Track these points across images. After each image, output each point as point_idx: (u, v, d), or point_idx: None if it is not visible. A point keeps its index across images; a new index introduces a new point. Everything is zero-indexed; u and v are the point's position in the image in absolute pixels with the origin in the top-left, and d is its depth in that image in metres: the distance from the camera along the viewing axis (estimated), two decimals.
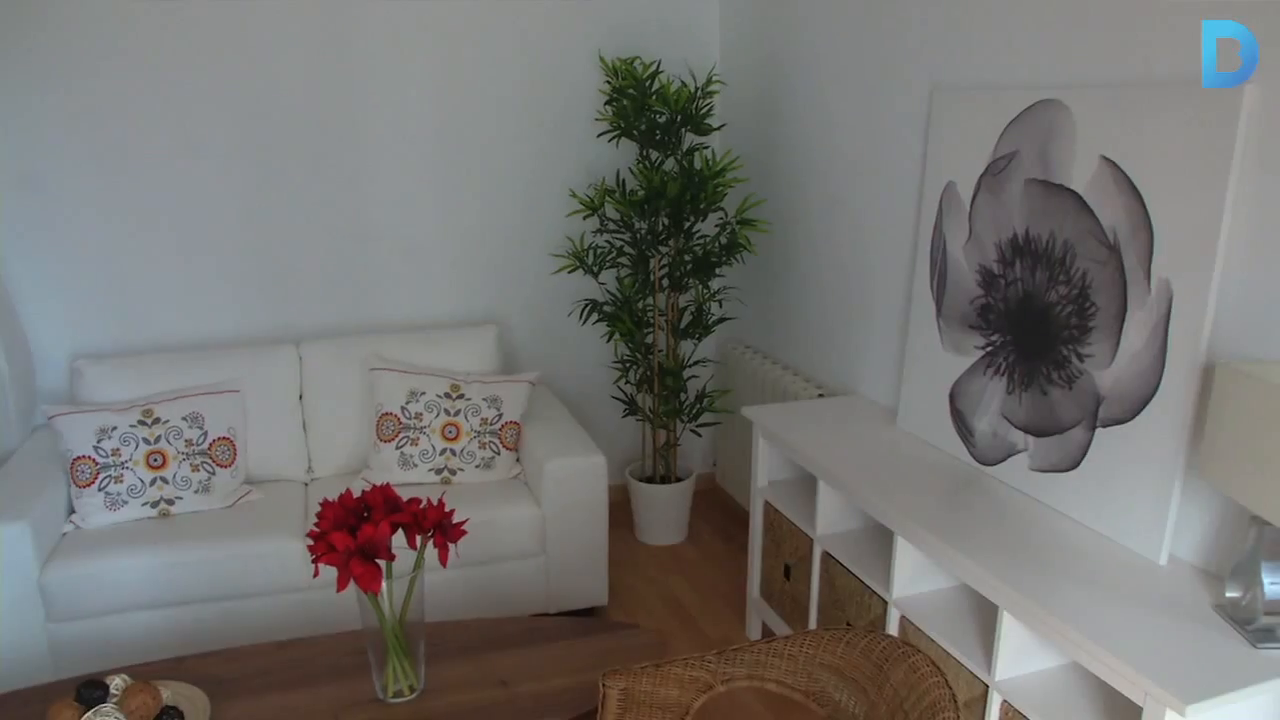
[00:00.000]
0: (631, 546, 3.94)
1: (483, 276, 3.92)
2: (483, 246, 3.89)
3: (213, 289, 3.57)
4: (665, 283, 3.71)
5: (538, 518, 3.13)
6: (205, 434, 3.11)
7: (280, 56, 3.45)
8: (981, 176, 2.57)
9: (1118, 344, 2.16)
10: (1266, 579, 1.80)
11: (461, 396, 3.30)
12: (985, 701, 2.13)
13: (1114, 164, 2.16)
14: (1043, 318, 2.38)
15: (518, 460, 3.38)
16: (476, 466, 3.28)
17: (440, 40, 3.63)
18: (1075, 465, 2.29)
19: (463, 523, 2.05)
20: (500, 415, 3.31)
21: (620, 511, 4.18)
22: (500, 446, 3.30)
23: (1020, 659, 2.09)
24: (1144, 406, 2.10)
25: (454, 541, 2.00)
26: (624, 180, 3.83)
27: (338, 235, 3.67)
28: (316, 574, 1.98)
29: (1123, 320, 2.14)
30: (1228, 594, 1.89)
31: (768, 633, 3.25)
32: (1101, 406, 2.21)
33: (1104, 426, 2.21)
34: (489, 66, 3.72)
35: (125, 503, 2.96)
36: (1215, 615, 1.89)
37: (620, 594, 3.55)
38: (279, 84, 3.47)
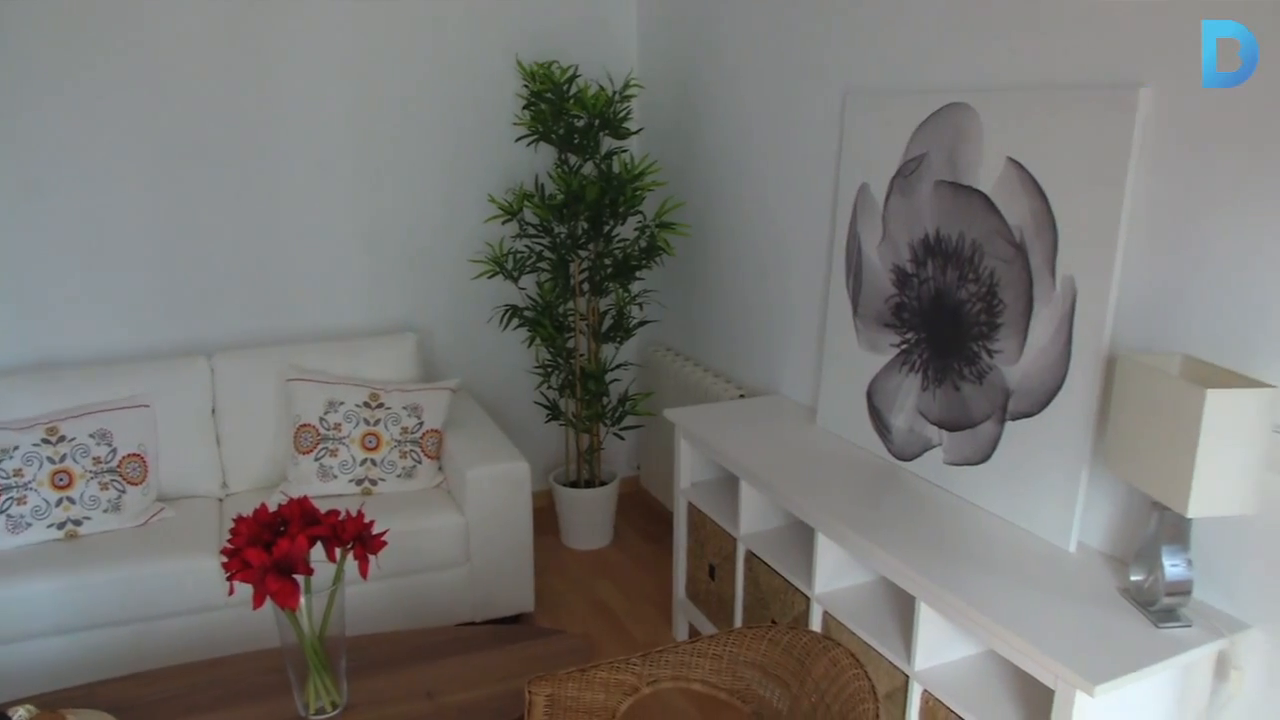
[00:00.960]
0: (557, 551, 3.93)
1: (401, 283, 3.87)
2: (401, 253, 3.84)
3: (119, 300, 3.46)
4: (585, 287, 3.71)
5: (461, 526, 3.10)
6: (114, 451, 3.01)
7: (189, 60, 3.36)
8: (894, 178, 2.63)
9: (1025, 339, 2.22)
10: (1167, 562, 1.87)
11: (381, 406, 3.26)
12: (906, 691, 2.17)
13: (1019, 165, 2.22)
14: (954, 315, 2.44)
15: (440, 469, 3.34)
16: (398, 476, 3.24)
17: (354, 45, 3.58)
18: (987, 458, 2.35)
19: (383, 534, 2.03)
20: (421, 424, 3.27)
21: (545, 517, 4.17)
22: (422, 455, 3.26)
23: (939, 648, 2.14)
24: (1051, 400, 2.17)
25: (374, 553, 1.98)
26: (543, 185, 3.83)
27: (250, 243, 3.59)
28: (232, 592, 1.94)
29: (1029, 316, 2.21)
30: (1132, 577, 1.96)
31: (694, 633, 3.27)
32: (1011, 400, 2.27)
33: (1013, 420, 2.27)
34: (405, 71, 3.68)
35: (29, 525, 2.86)
36: (1121, 598, 1.96)
37: (547, 600, 3.53)
38: (188, 89, 3.38)
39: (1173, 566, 1.88)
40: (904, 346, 2.62)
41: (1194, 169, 1.90)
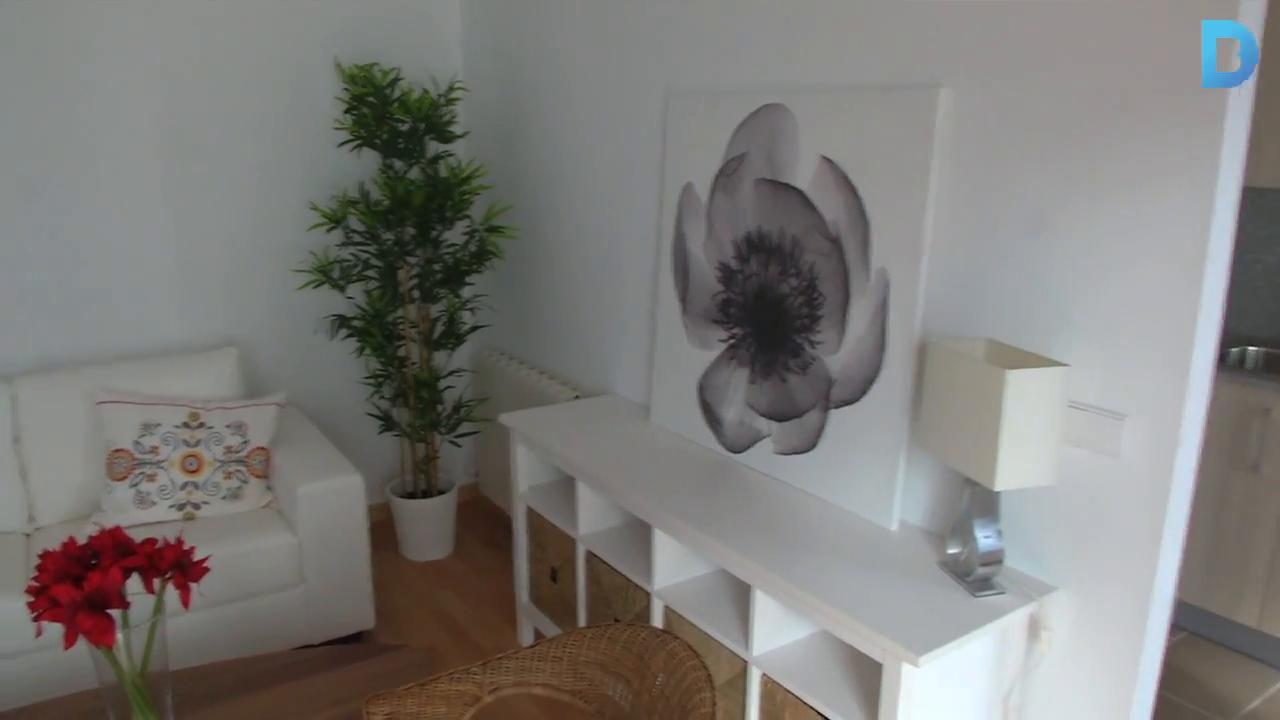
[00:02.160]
0: (398, 565, 3.85)
1: (220, 296, 3.71)
2: (219, 265, 3.67)
3: None
4: (415, 294, 3.64)
5: (293, 546, 3.00)
6: None
7: None
8: (716, 177, 2.69)
9: (844, 330, 2.31)
10: (979, 534, 1.98)
11: (202, 425, 3.11)
12: (746, 676, 2.22)
13: (832, 163, 2.31)
14: (778, 309, 2.51)
15: (269, 488, 3.22)
16: (223, 498, 3.10)
17: (164, 46, 3.39)
18: (813, 446, 2.43)
19: (205, 560, 1.93)
20: (246, 442, 3.14)
21: (383, 530, 4.07)
22: (248, 475, 3.13)
23: (775, 633, 2.20)
24: (870, 387, 2.26)
25: (196, 580, 1.88)
26: (367, 191, 3.73)
27: (51, 257, 3.36)
28: (40, 633, 1.81)
29: (847, 308, 2.30)
30: (949, 551, 2.07)
31: (540, 637, 3.25)
32: (833, 389, 2.36)
33: (836, 408, 2.36)
34: (217, 72, 3.52)
35: None
36: (940, 571, 2.07)
37: (388, 615, 3.45)
38: None
39: (985, 538, 1.99)
40: (732, 341, 2.69)
41: (991, 165, 2.02)
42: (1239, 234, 3.81)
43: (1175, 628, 3.46)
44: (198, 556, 2.70)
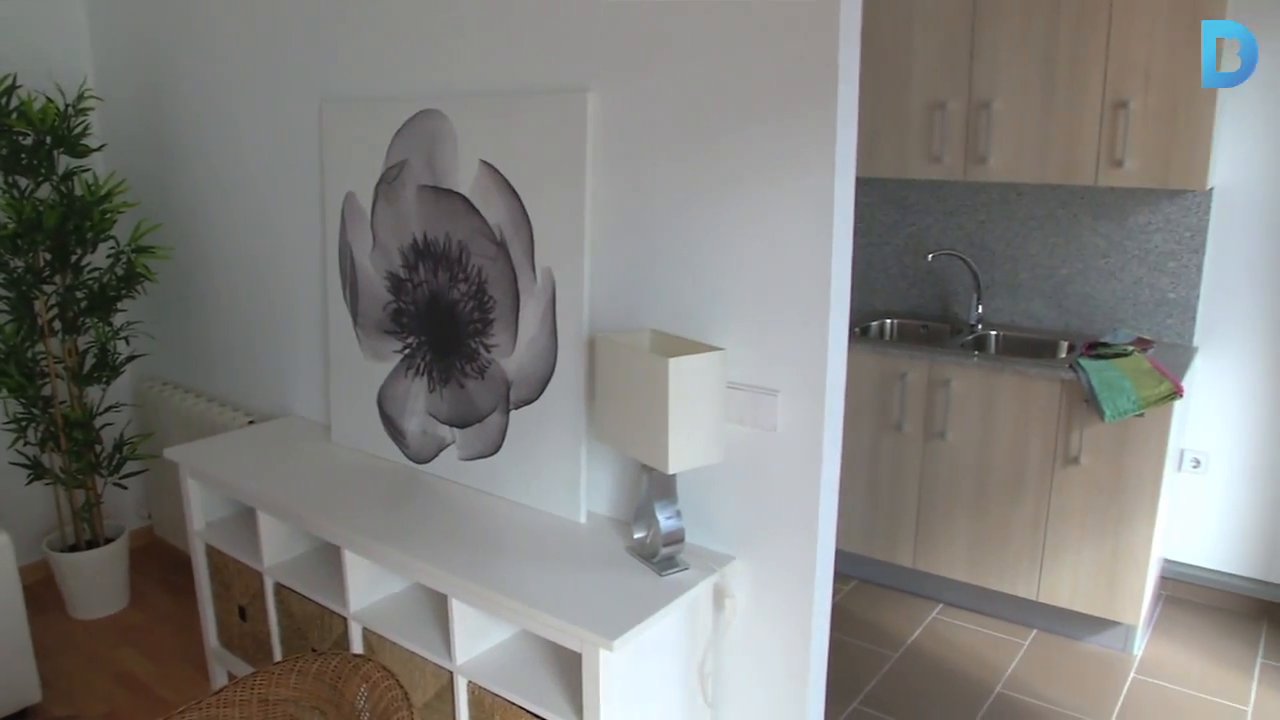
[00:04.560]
0: (65, 626, 3.48)
1: None
2: None
3: None
4: (57, 325, 3.30)
5: None
6: None
7: None
8: (378, 185, 2.64)
9: (517, 331, 2.35)
10: (660, 516, 2.08)
11: None
12: (453, 687, 2.21)
13: (492, 167, 2.34)
14: (450, 315, 2.51)
15: None
16: None
17: None
18: (498, 449, 2.45)
19: None
20: None
21: (44, 590, 3.66)
22: None
23: (476, 639, 2.20)
24: (546, 385, 2.31)
25: None
26: None
27: None
28: None
29: (518, 310, 2.34)
30: (635, 536, 2.17)
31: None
32: (511, 390, 2.39)
33: (516, 408, 2.39)
34: None
35: None
36: (629, 556, 2.15)
37: (58, 684, 3.12)
38: None
39: (666, 520, 2.09)
40: (407, 351, 2.65)
41: (639, 163, 2.12)
42: (871, 220, 4.24)
43: (846, 577, 3.81)
44: None
